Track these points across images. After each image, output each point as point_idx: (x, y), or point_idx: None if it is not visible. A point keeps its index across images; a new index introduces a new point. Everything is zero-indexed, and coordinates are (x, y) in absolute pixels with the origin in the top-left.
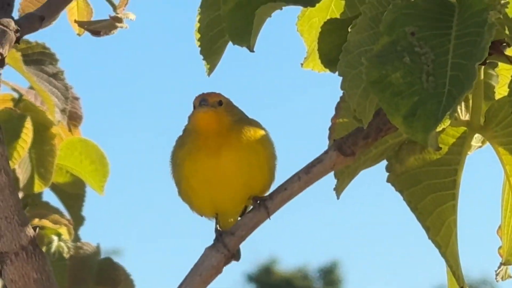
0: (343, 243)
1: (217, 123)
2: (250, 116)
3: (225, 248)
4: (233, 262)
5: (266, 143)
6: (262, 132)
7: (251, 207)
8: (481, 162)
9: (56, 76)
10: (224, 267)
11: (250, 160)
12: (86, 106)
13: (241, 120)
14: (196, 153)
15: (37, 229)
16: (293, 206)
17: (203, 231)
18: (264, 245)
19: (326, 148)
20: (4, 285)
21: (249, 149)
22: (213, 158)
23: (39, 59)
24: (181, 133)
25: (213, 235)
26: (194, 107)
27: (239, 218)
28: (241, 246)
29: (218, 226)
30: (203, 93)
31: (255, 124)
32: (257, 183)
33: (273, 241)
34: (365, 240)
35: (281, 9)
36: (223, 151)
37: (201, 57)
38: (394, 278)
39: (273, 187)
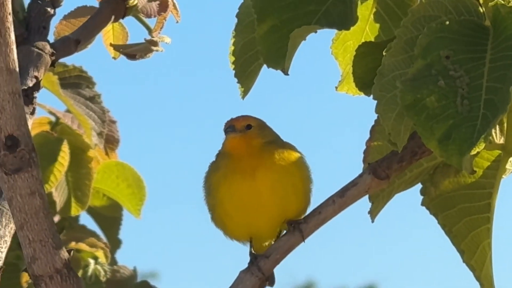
0: (380, 266)
1: (246, 147)
2: (284, 139)
3: (259, 271)
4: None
5: (300, 165)
6: (296, 155)
7: (286, 230)
8: None
9: (93, 99)
10: None
11: (285, 181)
12: (123, 130)
13: (274, 142)
14: (231, 177)
15: (72, 252)
16: (330, 230)
17: (238, 255)
18: (301, 268)
19: (360, 171)
20: None
21: (284, 171)
22: (248, 180)
23: (76, 83)
24: (213, 158)
25: (247, 259)
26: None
27: (273, 242)
28: (278, 269)
29: (252, 249)
30: (231, 119)
31: (289, 147)
32: (292, 206)
33: (310, 265)
34: (402, 263)
35: (316, 32)
36: (257, 174)
37: (236, 80)
38: None
39: (308, 211)
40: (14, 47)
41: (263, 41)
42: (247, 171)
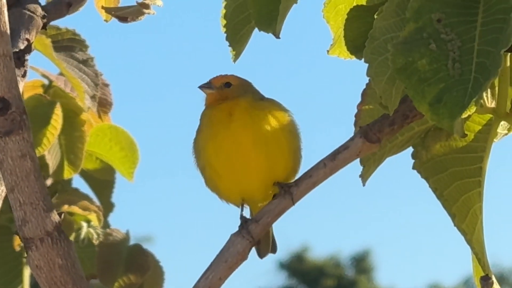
0: (375, 231)
1: (223, 102)
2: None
3: (249, 235)
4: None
5: (281, 116)
6: (277, 108)
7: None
8: (507, 149)
9: (86, 62)
10: (262, 259)
11: (263, 128)
12: (116, 93)
13: (257, 100)
14: (213, 134)
15: (63, 215)
16: (324, 194)
17: (230, 218)
18: (296, 233)
19: (352, 135)
20: (31, 272)
21: (263, 120)
22: (227, 129)
23: (69, 46)
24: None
25: (239, 222)
26: None
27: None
28: (275, 235)
29: (243, 213)
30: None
31: (272, 102)
32: (279, 162)
33: (305, 229)
34: (397, 228)
35: None
36: (234, 120)
37: (227, 43)
38: (426, 265)
39: (299, 175)
40: (5, 9)
41: (255, 4)
42: (224, 118)
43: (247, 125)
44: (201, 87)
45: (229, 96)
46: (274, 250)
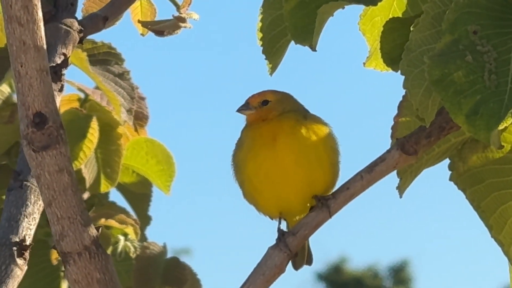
0: (413, 241)
1: (264, 120)
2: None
3: (286, 248)
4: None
5: (323, 133)
6: (320, 124)
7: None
8: None
9: (122, 76)
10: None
11: (307, 150)
12: (152, 106)
13: (297, 112)
14: (255, 151)
15: (100, 229)
16: (362, 205)
17: (268, 230)
18: (334, 244)
19: (388, 147)
20: (68, 286)
21: (304, 137)
22: (270, 150)
23: (105, 59)
24: (239, 136)
25: (276, 235)
26: None
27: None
28: (311, 246)
29: (280, 225)
30: (249, 97)
31: (313, 117)
32: (318, 175)
33: (343, 240)
34: (435, 238)
35: (343, 8)
36: (277, 142)
37: (264, 56)
38: (464, 276)
39: (336, 187)
40: (41, 24)
41: (291, 17)
42: (268, 141)
43: (292, 151)
44: (239, 110)
45: (269, 114)
46: (310, 262)
